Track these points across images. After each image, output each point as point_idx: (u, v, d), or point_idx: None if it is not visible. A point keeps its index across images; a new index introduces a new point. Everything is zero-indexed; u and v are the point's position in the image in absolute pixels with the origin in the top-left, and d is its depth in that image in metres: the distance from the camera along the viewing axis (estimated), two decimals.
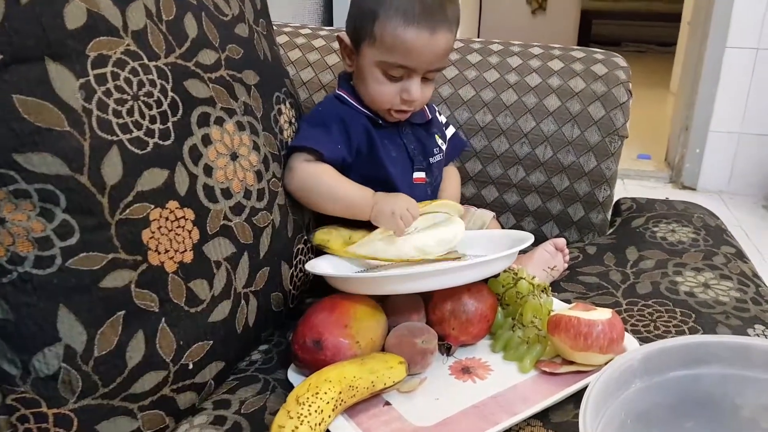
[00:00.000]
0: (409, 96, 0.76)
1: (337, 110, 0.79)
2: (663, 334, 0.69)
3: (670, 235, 0.91)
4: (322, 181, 0.74)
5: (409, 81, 0.75)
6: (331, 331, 0.62)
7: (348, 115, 0.78)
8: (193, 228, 0.59)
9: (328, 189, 0.75)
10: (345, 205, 0.75)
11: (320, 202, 0.75)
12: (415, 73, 0.75)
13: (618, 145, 0.95)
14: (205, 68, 0.63)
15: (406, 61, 0.73)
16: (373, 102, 0.78)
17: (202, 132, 0.61)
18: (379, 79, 0.76)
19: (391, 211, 0.72)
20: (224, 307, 0.62)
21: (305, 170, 0.74)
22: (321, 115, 0.79)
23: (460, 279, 0.64)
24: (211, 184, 0.61)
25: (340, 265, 0.75)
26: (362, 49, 0.76)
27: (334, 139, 0.77)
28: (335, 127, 0.77)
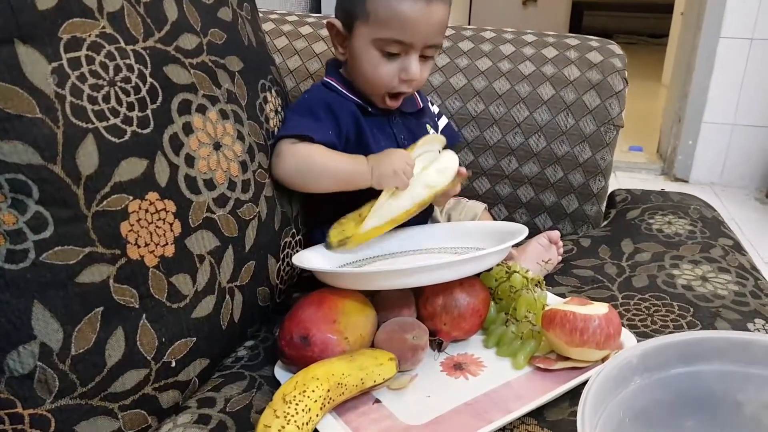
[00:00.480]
0: (408, 74, 0.73)
1: (325, 97, 0.77)
2: (660, 329, 0.68)
3: (667, 227, 0.90)
4: (315, 160, 0.71)
5: (407, 58, 0.73)
6: (319, 326, 0.60)
7: (336, 101, 0.76)
8: (175, 220, 0.56)
9: (322, 166, 0.72)
10: (343, 178, 0.71)
11: (317, 181, 0.72)
12: (413, 49, 0.72)
13: (613, 135, 0.93)
14: (186, 53, 0.60)
15: (402, 35, 0.71)
16: (370, 85, 0.76)
17: (183, 120, 0.58)
18: (375, 60, 0.73)
19: (392, 170, 0.70)
20: (208, 302, 0.60)
21: (295, 152, 0.71)
22: (308, 102, 0.76)
23: (451, 274, 0.62)
24: (193, 175, 0.59)
25: (328, 258, 0.73)
26: (355, 29, 0.74)
27: (324, 125, 0.74)
28: (323, 114, 0.75)
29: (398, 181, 0.70)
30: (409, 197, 0.71)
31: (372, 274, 0.63)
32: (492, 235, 0.73)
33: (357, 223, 0.72)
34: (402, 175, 0.70)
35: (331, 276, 0.65)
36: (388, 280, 0.62)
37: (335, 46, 0.79)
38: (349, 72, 0.78)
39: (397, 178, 0.70)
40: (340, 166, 0.72)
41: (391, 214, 0.71)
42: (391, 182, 0.70)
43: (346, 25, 0.75)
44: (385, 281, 0.62)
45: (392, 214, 0.71)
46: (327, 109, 0.75)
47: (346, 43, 0.77)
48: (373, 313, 0.65)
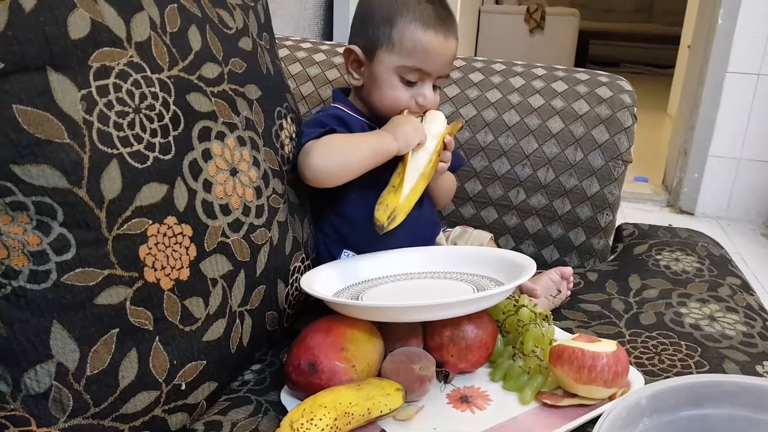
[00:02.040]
0: (425, 100, 0.79)
1: (336, 113, 0.81)
2: (668, 368, 0.68)
3: (674, 264, 0.91)
4: (342, 140, 0.76)
5: (423, 86, 0.79)
6: (327, 353, 0.61)
7: (347, 117, 0.81)
8: (191, 244, 0.57)
9: (352, 145, 0.75)
10: (373, 150, 0.74)
11: (350, 159, 0.73)
12: (429, 77, 0.78)
13: (622, 170, 0.94)
14: (208, 82, 0.62)
15: (423, 64, 0.77)
16: (387, 108, 0.80)
17: (202, 146, 0.60)
18: (395, 85, 0.78)
19: (412, 128, 0.75)
20: (219, 326, 0.60)
21: (322, 143, 0.74)
22: (320, 117, 0.80)
23: (462, 311, 0.63)
24: (210, 200, 0.60)
25: (335, 278, 0.74)
26: (378, 56, 0.78)
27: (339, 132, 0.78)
28: (338, 127, 0.78)
29: (420, 135, 0.76)
30: (425, 152, 0.77)
31: (380, 308, 0.64)
32: (498, 264, 0.74)
33: (395, 193, 0.74)
34: (421, 130, 0.76)
35: (339, 306, 0.66)
36: (399, 314, 0.63)
37: (350, 72, 0.82)
38: (365, 96, 0.82)
39: (419, 134, 0.75)
40: (368, 141, 0.76)
41: (418, 170, 0.76)
42: (415, 139, 0.75)
43: (367, 51, 0.79)
44: (395, 315, 0.63)
45: (419, 169, 0.76)
46: (339, 121, 0.79)
47: (363, 69, 0.80)
48: (381, 342, 0.66)
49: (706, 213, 2.41)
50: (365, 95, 0.82)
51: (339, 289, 0.73)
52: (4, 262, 0.46)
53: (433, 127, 0.79)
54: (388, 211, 0.72)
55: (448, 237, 0.90)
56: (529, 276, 0.65)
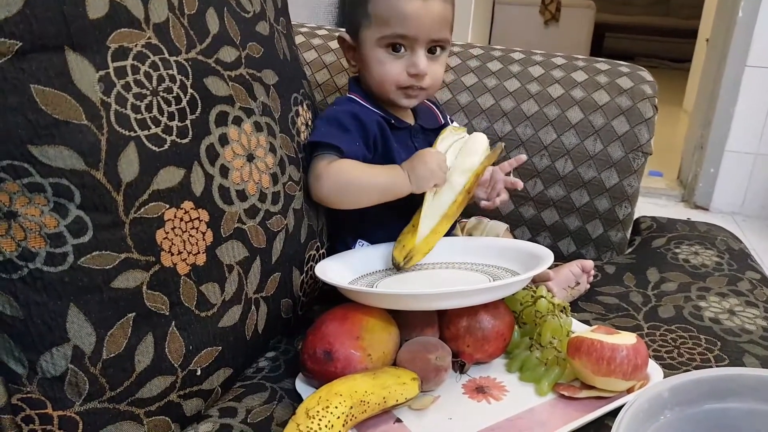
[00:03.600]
0: (416, 69, 0.74)
1: (351, 107, 0.78)
2: (687, 362, 0.67)
3: (693, 258, 0.89)
4: (353, 176, 0.72)
5: (414, 54, 0.75)
6: (342, 342, 0.60)
7: (362, 111, 0.78)
8: (207, 230, 0.57)
9: (361, 181, 0.72)
10: (383, 189, 0.72)
11: (358, 196, 0.73)
12: (417, 43, 0.74)
13: (641, 161, 0.93)
14: (226, 65, 0.61)
15: (403, 29, 0.73)
16: (381, 85, 0.77)
17: (219, 131, 0.59)
18: (381, 59, 0.75)
19: (428, 170, 0.71)
20: (234, 312, 0.60)
21: (332, 171, 0.72)
22: (335, 112, 0.78)
23: (479, 300, 0.62)
24: (227, 186, 0.59)
25: (350, 267, 0.73)
26: (361, 36, 0.76)
27: (352, 136, 0.75)
28: (351, 124, 0.76)
29: (436, 178, 0.72)
30: (450, 190, 0.73)
31: (395, 296, 0.63)
32: (515, 255, 0.73)
33: (413, 234, 0.72)
34: (438, 171, 0.72)
35: (354, 294, 0.65)
36: (415, 302, 0.62)
37: (347, 60, 0.81)
38: (364, 81, 0.80)
39: (435, 176, 0.71)
40: (380, 179, 0.73)
41: (440, 211, 0.73)
42: (430, 182, 0.72)
43: (353, 35, 0.78)
44: (411, 303, 0.62)
45: (441, 210, 0.73)
46: (354, 118, 0.76)
47: (356, 54, 0.79)
48: (397, 331, 0.65)
49: (720, 209, 2.38)
50: (363, 81, 0.80)
51: (354, 278, 0.72)
52: (21, 244, 0.45)
53: (467, 161, 0.74)
54: (404, 251, 0.72)
55: (464, 227, 0.89)
56: (545, 266, 0.64)
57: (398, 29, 0.73)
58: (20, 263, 0.45)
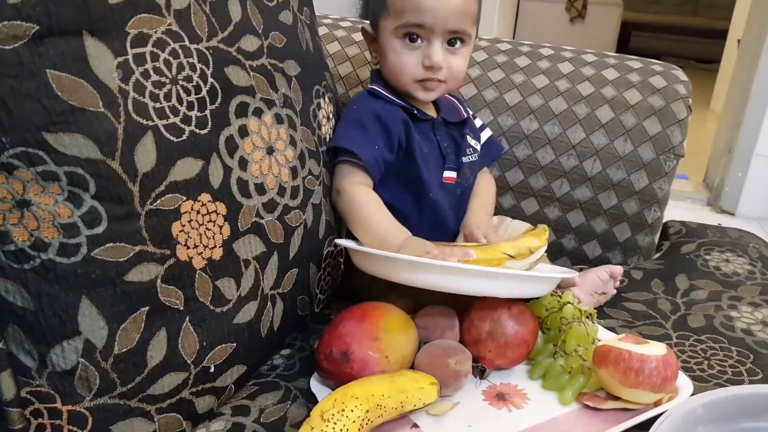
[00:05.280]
0: (431, 60, 0.73)
1: (372, 106, 0.76)
2: (718, 375, 0.64)
3: (724, 265, 0.86)
4: (362, 212, 0.72)
5: (430, 46, 0.73)
6: (360, 342, 0.59)
7: (383, 109, 0.76)
8: (225, 223, 0.55)
9: (364, 220, 0.72)
10: (376, 237, 0.70)
11: (355, 226, 0.73)
12: (433, 34, 0.72)
13: (673, 164, 0.89)
14: (247, 55, 0.59)
15: (418, 18, 0.71)
16: (397, 77, 0.75)
17: (239, 122, 0.57)
18: (398, 49, 0.74)
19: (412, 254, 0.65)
20: (250, 308, 0.59)
21: (351, 193, 0.72)
22: (357, 114, 0.76)
23: (505, 289, 0.60)
24: (246, 179, 0.58)
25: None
26: (380, 27, 0.75)
27: (371, 139, 0.73)
28: (372, 126, 0.74)
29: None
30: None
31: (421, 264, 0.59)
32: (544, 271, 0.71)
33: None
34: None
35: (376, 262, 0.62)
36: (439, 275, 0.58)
37: (370, 51, 0.80)
38: (383, 69, 0.78)
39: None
40: (378, 229, 0.71)
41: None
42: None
43: (373, 25, 0.77)
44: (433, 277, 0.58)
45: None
46: (376, 119, 0.74)
47: (377, 45, 0.78)
48: (415, 332, 0.63)
49: (747, 214, 2.31)
50: (382, 70, 0.78)
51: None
52: (34, 234, 0.44)
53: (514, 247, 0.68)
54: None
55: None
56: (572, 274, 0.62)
57: (413, 18, 0.71)
58: (32, 253, 0.44)
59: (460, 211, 0.82)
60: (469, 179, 0.82)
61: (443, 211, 0.78)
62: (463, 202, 0.82)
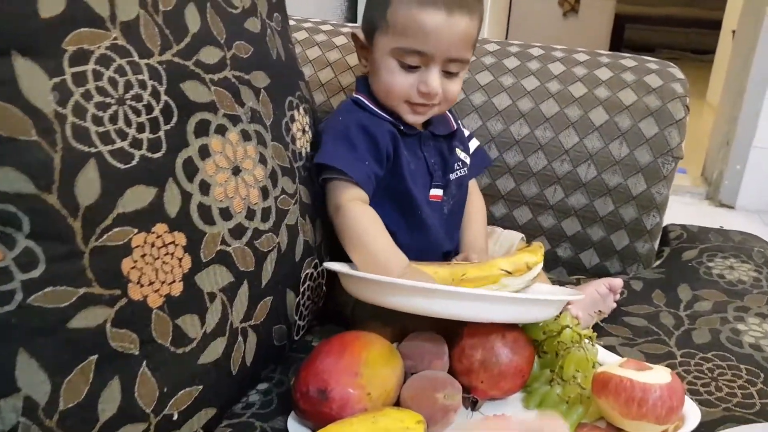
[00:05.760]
0: (427, 87, 0.68)
1: (358, 118, 0.71)
2: (727, 398, 0.59)
3: (728, 273, 0.81)
4: (362, 228, 0.67)
5: (427, 71, 0.69)
6: (339, 379, 0.54)
7: (370, 121, 0.71)
8: (184, 255, 0.50)
9: (364, 238, 0.66)
10: (372, 262, 0.65)
11: (353, 247, 0.67)
12: (433, 61, 0.68)
13: (672, 167, 0.85)
14: (207, 68, 0.54)
15: (420, 45, 0.67)
16: (388, 96, 0.71)
17: (199, 142, 0.52)
18: (394, 70, 0.69)
19: None
20: (217, 345, 0.54)
21: (352, 211, 0.67)
22: (343, 126, 0.71)
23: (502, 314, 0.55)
24: (208, 204, 0.53)
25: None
26: (376, 40, 0.70)
27: (360, 155, 0.69)
28: (359, 138, 0.69)
29: None
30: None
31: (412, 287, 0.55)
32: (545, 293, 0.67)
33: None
34: None
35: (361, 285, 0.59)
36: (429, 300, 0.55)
37: (359, 58, 0.75)
38: (372, 83, 0.73)
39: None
40: (377, 252, 0.65)
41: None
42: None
43: (368, 36, 0.72)
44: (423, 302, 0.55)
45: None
46: (363, 132, 0.69)
47: (368, 55, 0.73)
48: (400, 363, 0.58)
49: (746, 207, 2.27)
50: (372, 84, 0.73)
51: None
52: None
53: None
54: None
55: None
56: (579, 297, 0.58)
57: (415, 44, 0.67)
58: None
59: (450, 229, 0.77)
60: (456, 195, 0.77)
61: (433, 229, 0.73)
62: (452, 220, 0.77)
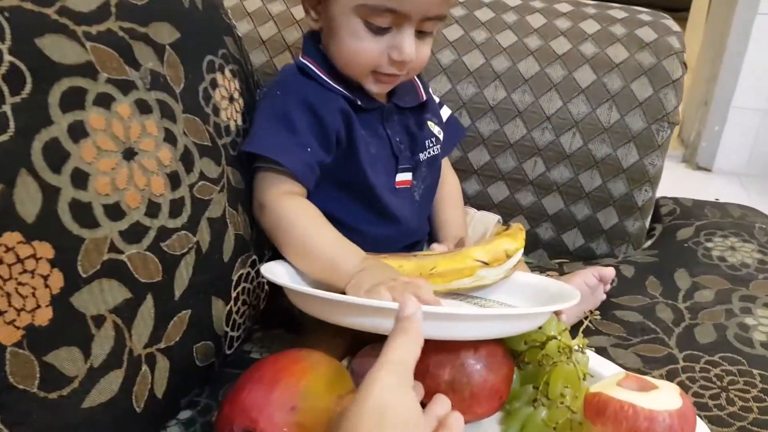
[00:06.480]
0: (401, 55, 0.55)
1: (303, 92, 0.58)
2: (740, 414, 0.50)
3: (730, 255, 0.72)
4: (297, 226, 0.54)
5: (400, 34, 0.55)
6: (271, 417, 0.42)
7: (318, 98, 0.57)
8: (52, 271, 0.38)
9: (301, 238, 0.54)
10: (317, 265, 0.54)
11: (289, 250, 0.56)
12: (408, 22, 0.54)
13: (667, 134, 0.74)
14: (80, 18, 0.41)
15: (396, 3, 0.53)
16: (350, 65, 0.57)
17: (69, 119, 0.39)
18: (359, 33, 0.55)
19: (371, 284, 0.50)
20: (111, 380, 0.42)
21: (281, 208, 0.55)
22: (282, 103, 0.57)
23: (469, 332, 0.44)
24: (86, 200, 0.40)
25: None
26: None
27: (301, 139, 0.56)
28: (302, 120, 0.56)
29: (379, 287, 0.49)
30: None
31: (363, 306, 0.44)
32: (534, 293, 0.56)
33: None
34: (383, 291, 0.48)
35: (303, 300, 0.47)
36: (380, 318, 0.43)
37: (307, 10, 0.59)
38: (327, 45, 0.59)
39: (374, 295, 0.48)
40: (322, 253, 0.54)
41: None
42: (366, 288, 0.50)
43: None
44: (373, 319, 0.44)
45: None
46: (308, 110, 0.56)
47: (321, 8, 0.58)
48: (350, 387, 0.47)
49: (724, 170, 2.22)
50: (326, 45, 0.59)
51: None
52: None
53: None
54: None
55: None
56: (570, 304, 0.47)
57: (389, 2, 0.53)
58: None
59: (423, 217, 0.65)
60: (427, 178, 0.65)
61: (403, 220, 0.61)
62: (425, 206, 0.66)
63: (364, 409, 0.31)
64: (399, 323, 0.36)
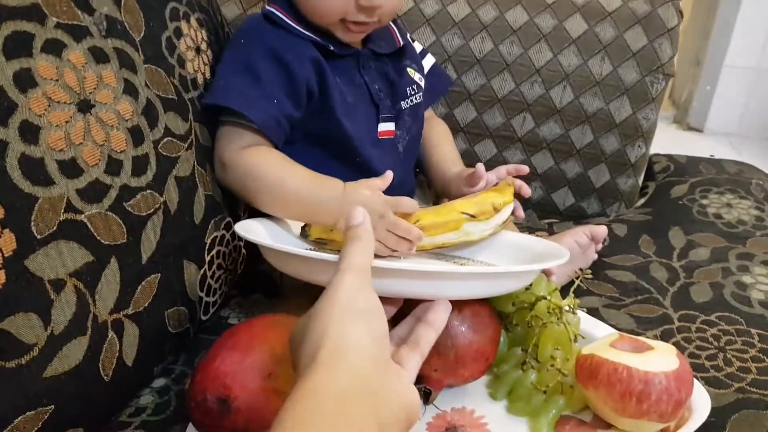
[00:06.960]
0: (370, 1, 0.51)
1: (269, 41, 0.54)
2: (738, 375, 0.48)
3: (726, 212, 0.70)
4: (264, 175, 0.51)
5: None
6: (246, 384, 0.40)
7: (285, 46, 0.54)
8: (3, 232, 0.35)
9: (270, 186, 0.51)
10: (298, 205, 0.51)
11: (262, 201, 0.53)
12: None
13: (662, 86, 0.72)
14: None
15: None
16: (317, 13, 0.54)
17: (13, 66, 0.36)
18: None
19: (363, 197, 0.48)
20: (74, 348, 0.39)
21: (243, 163, 0.51)
22: (245, 51, 0.54)
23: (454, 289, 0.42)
24: (38, 155, 0.37)
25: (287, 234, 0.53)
26: None
27: (267, 90, 0.52)
28: (267, 68, 0.53)
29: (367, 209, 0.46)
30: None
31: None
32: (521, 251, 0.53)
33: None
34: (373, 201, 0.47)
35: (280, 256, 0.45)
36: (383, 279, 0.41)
37: None
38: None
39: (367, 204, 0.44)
40: (297, 194, 0.51)
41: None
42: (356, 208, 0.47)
43: None
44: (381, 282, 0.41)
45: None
46: (273, 59, 0.53)
47: None
48: None
49: (715, 130, 2.20)
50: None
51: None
52: None
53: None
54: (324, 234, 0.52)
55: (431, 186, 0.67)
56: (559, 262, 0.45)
57: None
58: None
59: (408, 170, 0.62)
60: (412, 128, 0.62)
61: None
62: (410, 159, 0.63)
63: (333, 307, 0.32)
64: (349, 232, 0.36)
